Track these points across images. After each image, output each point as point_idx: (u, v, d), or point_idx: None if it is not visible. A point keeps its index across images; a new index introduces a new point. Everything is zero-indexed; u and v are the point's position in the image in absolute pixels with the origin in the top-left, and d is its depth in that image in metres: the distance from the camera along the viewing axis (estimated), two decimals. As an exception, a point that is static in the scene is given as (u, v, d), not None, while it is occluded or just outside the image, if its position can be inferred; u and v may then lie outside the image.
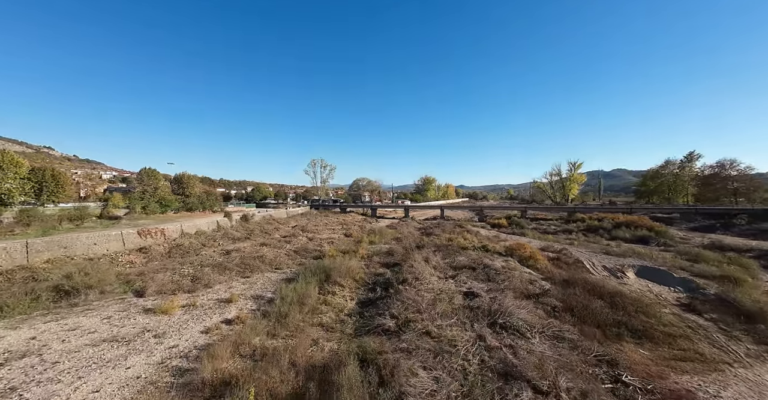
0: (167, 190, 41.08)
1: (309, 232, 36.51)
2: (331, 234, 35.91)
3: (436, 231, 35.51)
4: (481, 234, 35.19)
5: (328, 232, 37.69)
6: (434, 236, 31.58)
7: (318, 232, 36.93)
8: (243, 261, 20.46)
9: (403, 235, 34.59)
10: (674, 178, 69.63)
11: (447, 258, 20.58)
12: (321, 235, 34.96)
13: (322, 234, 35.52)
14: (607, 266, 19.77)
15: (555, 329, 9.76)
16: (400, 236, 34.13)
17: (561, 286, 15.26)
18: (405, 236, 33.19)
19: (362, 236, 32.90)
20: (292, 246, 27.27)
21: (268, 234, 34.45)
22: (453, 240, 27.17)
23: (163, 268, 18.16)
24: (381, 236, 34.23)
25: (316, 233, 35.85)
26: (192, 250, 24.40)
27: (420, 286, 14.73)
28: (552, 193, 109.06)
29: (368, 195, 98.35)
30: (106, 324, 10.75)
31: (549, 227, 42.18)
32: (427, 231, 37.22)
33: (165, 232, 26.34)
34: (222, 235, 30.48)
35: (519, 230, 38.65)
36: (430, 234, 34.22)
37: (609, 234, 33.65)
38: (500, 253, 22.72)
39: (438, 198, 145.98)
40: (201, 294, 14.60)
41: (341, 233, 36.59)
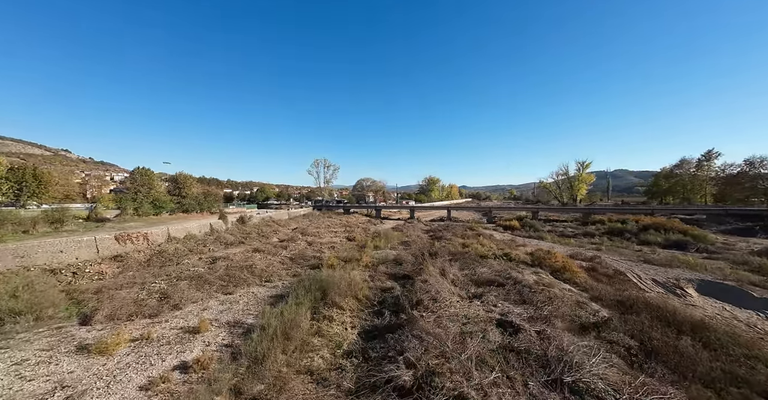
0: (162, 190, 38.18)
1: (309, 235, 33.29)
2: (333, 238, 32.65)
3: (446, 235, 32.07)
4: (495, 238, 31.70)
5: (330, 235, 34.45)
6: (445, 241, 28.16)
7: (319, 235, 33.70)
8: (228, 272, 17.24)
9: (411, 238, 31.23)
10: (691, 177, 65.29)
11: (466, 269, 17.17)
12: (322, 239, 31.72)
13: (323, 238, 32.27)
14: (658, 280, 16.22)
15: (657, 398, 6.32)
16: (408, 240, 30.77)
17: (617, 309, 11.81)
18: (413, 240, 29.82)
19: (366, 240, 29.60)
20: (289, 252, 24.04)
21: (265, 238, 31.30)
22: (468, 246, 23.73)
23: (131, 282, 15.00)
24: (387, 239, 30.91)
25: (317, 237, 32.61)
26: (176, 257, 21.28)
27: (439, 310, 11.37)
28: (558, 193, 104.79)
29: (372, 196, 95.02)
30: (6, 377, 7.54)
31: (566, 230, 38.50)
32: (436, 234, 33.80)
33: (149, 236, 23.27)
34: (214, 239, 27.37)
35: (535, 233, 35.03)
36: (440, 238, 30.79)
37: (637, 238, 29.94)
38: (526, 262, 19.24)
39: (442, 198, 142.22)
40: (164, 320, 11.37)
41: (344, 237, 33.32)
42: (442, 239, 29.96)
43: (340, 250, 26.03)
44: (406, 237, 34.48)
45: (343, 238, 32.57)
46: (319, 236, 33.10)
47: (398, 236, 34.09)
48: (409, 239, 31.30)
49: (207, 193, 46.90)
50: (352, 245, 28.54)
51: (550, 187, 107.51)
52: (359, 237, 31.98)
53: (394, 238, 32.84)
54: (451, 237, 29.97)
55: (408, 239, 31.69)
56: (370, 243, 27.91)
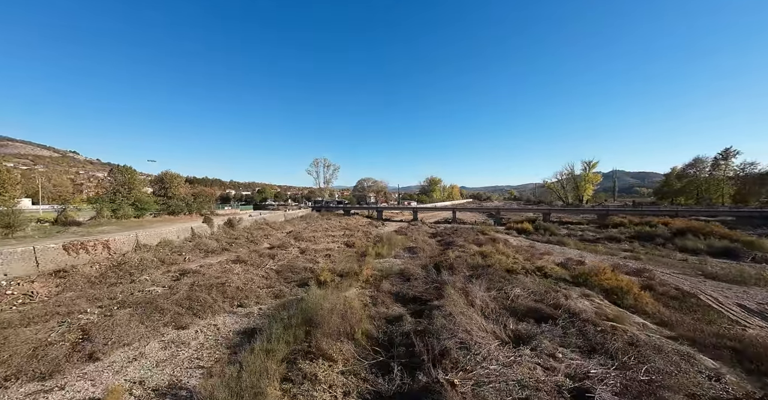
0: (146, 191, 34.28)
1: (304, 240, 29.29)
2: (330, 243, 28.65)
3: (457, 239, 28.01)
4: (511, 243, 27.65)
5: (327, 240, 30.46)
6: (457, 248, 24.12)
7: (315, 240, 29.70)
8: (192, 293, 13.24)
9: (417, 244, 27.20)
10: (707, 177, 61.07)
11: (494, 289, 13.15)
12: (318, 244, 27.73)
13: (319, 243, 28.27)
14: (748, 306, 12.17)
15: None
16: (414, 246, 26.77)
17: (739, 364, 7.80)
18: (420, 247, 25.79)
19: (367, 247, 25.61)
20: (276, 262, 20.05)
21: (254, 243, 27.31)
22: (487, 255, 19.69)
23: (52, 311, 11.05)
24: (390, 245, 26.93)
25: (312, 242, 28.62)
26: (139, 270, 17.33)
27: (475, 368, 7.40)
28: (563, 193, 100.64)
29: (373, 196, 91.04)
30: None
31: (585, 233, 34.43)
32: (444, 239, 29.77)
33: (111, 244, 19.33)
34: (193, 246, 23.41)
35: (554, 238, 30.93)
36: (451, 244, 26.74)
37: (673, 244, 25.85)
38: (566, 279, 15.18)
39: (444, 199, 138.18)
40: (61, 384, 7.41)
41: (342, 242, 29.31)
42: (453, 245, 25.92)
43: (337, 259, 22.06)
44: (411, 242, 30.49)
45: (342, 243, 28.56)
46: (315, 241, 29.10)
47: (402, 241, 30.11)
48: (415, 245, 27.29)
49: (198, 194, 43.04)
50: (350, 252, 24.54)
51: (554, 188, 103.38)
52: (359, 242, 27.96)
53: (397, 243, 28.87)
54: (462, 243, 25.92)
55: (414, 245, 27.69)
56: (372, 250, 23.93)
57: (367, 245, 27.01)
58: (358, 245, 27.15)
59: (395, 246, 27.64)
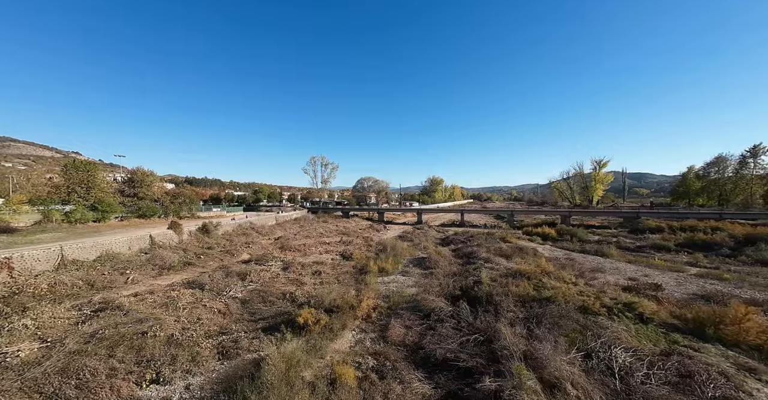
0: (110, 190, 28.94)
1: (292, 250, 23.89)
2: (323, 253, 23.27)
3: (478, 250, 22.55)
4: (542, 254, 22.33)
5: (320, 249, 25.06)
6: (481, 262, 18.75)
7: (305, 250, 24.28)
8: (77, 359, 7.86)
9: (429, 255, 21.81)
10: (734, 176, 55.79)
11: (578, 350, 7.81)
12: (308, 255, 22.37)
13: (310, 254, 22.88)
14: None
15: None
16: (425, 257, 21.44)
17: None
18: (433, 259, 20.38)
19: (368, 261, 20.24)
20: (246, 285, 14.64)
21: (230, 255, 21.90)
22: (530, 275, 14.28)
23: None
24: (395, 256, 21.62)
25: (302, 253, 23.25)
26: (39, 300, 11.92)
27: None
28: (570, 194, 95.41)
29: (374, 197, 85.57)
30: None
31: (621, 240, 29.07)
32: (461, 249, 24.38)
33: (15, 262, 13.95)
34: (146, 260, 17.99)
35: (588, 247, 25.53)
36: (472, 255, 21.31)
37: (746, 255, 20.45)
38: (676, 325, 9.77)
39: (446, 200, 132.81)
40: None
41: (338, 251, 23.92)
42: (475, 257, 20.52)
43: (330, 277, 16.70)
44: (421, 251, 25.19)
45: (337, 253, 23.15)
46: (305, 251, 23.69)
47: (409, 250, 24.78)
48: (425, 256, 21.96)
49: (179, 194, 37.67)
50: (346, 267, 19.14)
51: (561, 188, 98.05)
52: (358, 254, 22.53)
53: (404, 252, 23.55)
54: (486, 255, 20.51)
55: (424, 256, 22.37)
56: (373, 265, 18.55)
57: (367, 257, 21.66)
58: (357, 256, 21.75)
59: (401, 257, 22.33)
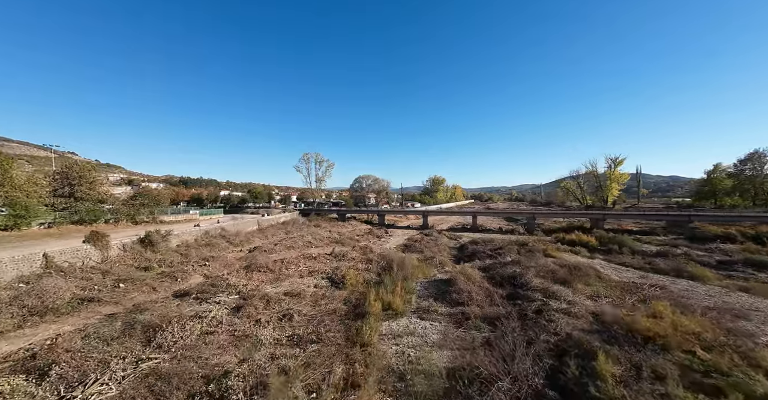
0: (31, 188, 22.16)
1: (262, 270, 17.15)
2: (304, 277, 16.56)
3: (519, 270, 15.87)
4: (607, 276, 15.82)
5: (303, 267, 18.35)
6: (541, 296, 12.19)
7: (281, 270, 17.53)
8: None
9: (453, 279, 15.15)
10: (774, 174, 49.57)
11: None
12: (281, 281, 15.65)
13: (285, 278, 16.14)
14: None
15: None
16: (447, 280, 14.92)
17: None
18: (461, 287, 13.75)
19: (367, 289, 13.66)
20: (146, 356, 8.04)
21: (170, 279, 15.17)
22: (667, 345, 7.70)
23: None
24: (405, 280, 15.10)
25: (274, 274, 16.56)
26: None
27: None
28: (581, 194, 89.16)
29: (374, 197, 78.76)
30: None
31: (687, 252, 22.60)
32: (493, 268, 17.68)
33: None
34: (15, 296, 11.31)
35: (661, 263, 18.97)
36: (516, 282, 14.65)
37: None
38: None
39: (447, 200, 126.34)
40: None
41: (325, 273, 17.21)
42: (522, 285, 13.89)
43: (305, 325, 10.08)
44: (437, 269, 18.72)
45: (323, 277, 16.45)
46: (280, 273, 16.98)
47: (421, 268, 18.24)
48: (447, 278, 15.45)
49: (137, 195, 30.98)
50: (335, 302, 12.52)
51: (570, 187, 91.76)
52: (353, 275, 15.83)
53: (415, 272, 16.99)
54: (540, 282, 13.91)
55: (444, 277, 15.89)
56: (374, 300, 11.99)
57: (366, 282, 15.09)
58: (351, 280, 15.11)
59: (412, 279, 15.79)
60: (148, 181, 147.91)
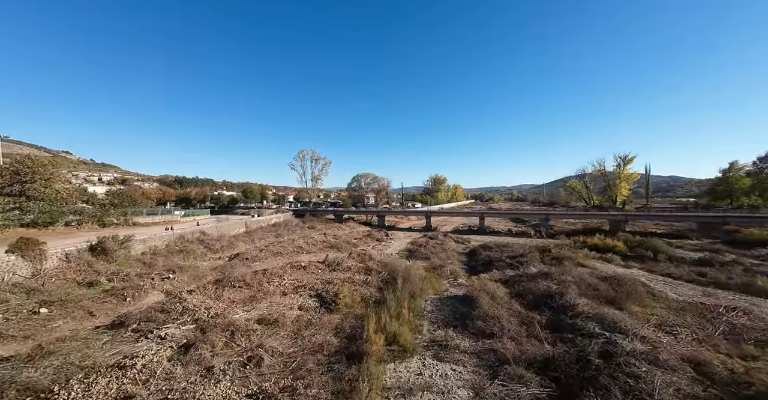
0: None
1: (237, 285, 14.06)
2: (288, 295, 13.46)
3: (555, 286, 12.86)
4: (663, 293, 12.86)
5: (288, 281, 15.26)
6: (595, 328, 9.20)
7: (261, 286, 14.42)
8: None
9: (473, 298, 12.11)
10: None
11: None
12: (258, 301, 12.57)
13: (263, 297, 13.03)
14: None
15: None
16: (464, 298, 11.93)
17: None
18: (486, 312, 10.76)
19: (365, 311, 10.65)
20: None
21: (118, 299, 12.09)
22: None
23: None
24: (412, 297, 12.16)
25: (251, 290, 13.49)
26: None
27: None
28: (587, 194, 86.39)
29: (373, 197, 75.49)
30: None
31: (739, 259, 19.66)
32: (518, 282, 14.63)
33: None
34: None
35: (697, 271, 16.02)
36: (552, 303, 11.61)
37: None
38: None
39: (448, 200, 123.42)
40: None
41: (314, 289, 14.12)
42: (561, 307, 10.87)
43: (279, 372, 7.01)
44: (449, 281, 15.79)
45: (311, 294, 13.36)
46: (259, 289, 13.90)
47: (430, 280, 15.28)
48: (462, 294, 12.49)
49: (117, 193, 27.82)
50: (324, 332, 9.49)
51: (576, 187, 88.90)
52: (349, 292, 12.77)
53: (424, 286, 14.00)
54: (586, 303, 10.91)
55: (459, 293, 12.92)
56: (374, 330, 9.01)
57: (363, 301, 12.09)
58: (346, 299, 12.08)
59: (423, 297, 12.85)
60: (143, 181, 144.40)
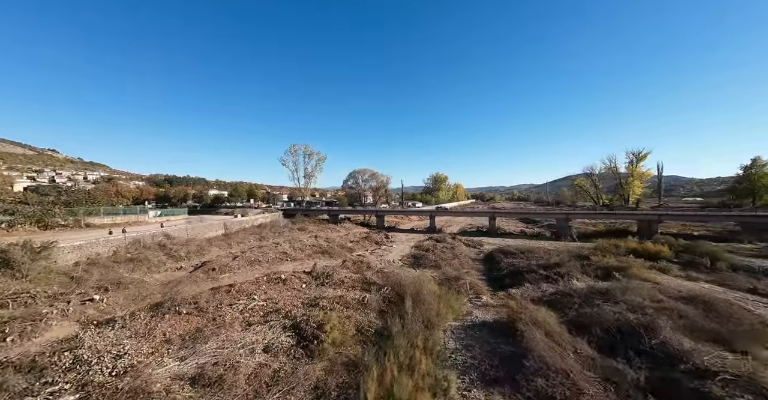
0: None
1: (183, 311, 10.33)
2: (252, 326, 9.76)
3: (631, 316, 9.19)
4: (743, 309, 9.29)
5: (256, 305, 11.54)
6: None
7: (218, 312, 10.68)
8: None
9: (517, 328, 8.52)
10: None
11: None
12: (202, 344, 8.84)
13: (216, 331, 9.32)
14: None
15: None
16: (509, 328, 8.28)
17: None
18: (545, 360, 7.15)
19: (366, 363, 6.95)
20: None
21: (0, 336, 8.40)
22: None
23: None
24: (426, 326, 8.51)
25: (204, 319, 9.77)
26: None
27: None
28: (595, 192, 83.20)
29: (371, 196, 71.43)
30: None
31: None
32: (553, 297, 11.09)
33: None
34: None
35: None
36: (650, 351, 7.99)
37: None
38: None
39: (449, 199, 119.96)
40: None
41: (292, 315, 10.39)
42: (673, 361, 7.31)
43: None
44: (470, 299, 12.12)
45: (286, 324, 9.65)
46: (214, 316, 10.15)
47: (445, 297, 11.52)
48: (506, 323, 8.85)
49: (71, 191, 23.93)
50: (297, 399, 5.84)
51: (584, 185, 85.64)
52: (338, 320, 9.14)
53: (440, 309, 10.24)
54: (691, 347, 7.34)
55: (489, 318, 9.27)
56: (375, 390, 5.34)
57: (360, 331, 8.42)
58: (334, 330, 8.43)
59: (439, 325, 9.22)
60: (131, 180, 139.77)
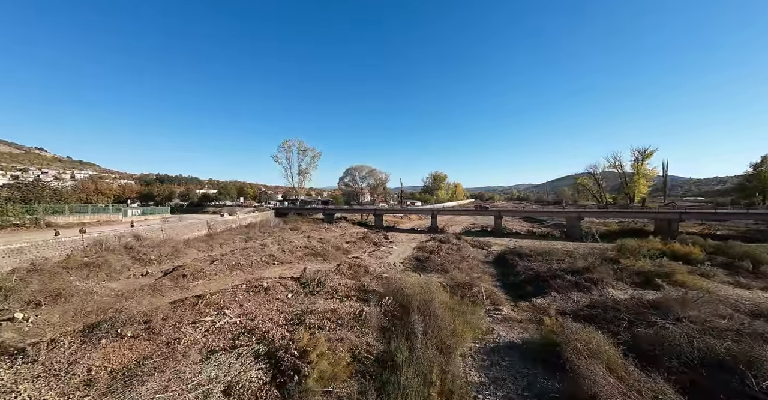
0: None
1: (128, 334, 8.09)
2: (216, 353, 7.57)
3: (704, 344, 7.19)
4: None
5: (226, 323, 9.35)
6: None
7: (175, 333, 8.50)
8: None
9: (569, 358, 6.50)
10: None
11: None
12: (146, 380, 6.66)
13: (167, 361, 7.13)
14: None
15: None
16: (560, 359, 6.20)
17: None
18: None
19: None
20: None
21: None
22: None
23: None
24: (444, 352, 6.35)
25: (155, 345, 7.58)
26: None
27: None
28: (598, 191, 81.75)
29: (369, 194, 69.12)
30: None
31: None
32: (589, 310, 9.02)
33: None
34: None
35: None
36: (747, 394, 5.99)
37: None
38: None
39: (449, 199, 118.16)
40: None
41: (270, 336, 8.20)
42: None
43: None
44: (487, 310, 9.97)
45: (260, 350, 7.49)
46: (167, 341, 7.91)
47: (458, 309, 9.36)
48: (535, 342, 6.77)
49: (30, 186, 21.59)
50: None
51: (587, 184, 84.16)
52: (326, 351, 7.02)
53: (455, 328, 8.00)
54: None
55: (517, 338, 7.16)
56: None
57: (356, 359, 6.27)
58: (322, 359, 6.33)
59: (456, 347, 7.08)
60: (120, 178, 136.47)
